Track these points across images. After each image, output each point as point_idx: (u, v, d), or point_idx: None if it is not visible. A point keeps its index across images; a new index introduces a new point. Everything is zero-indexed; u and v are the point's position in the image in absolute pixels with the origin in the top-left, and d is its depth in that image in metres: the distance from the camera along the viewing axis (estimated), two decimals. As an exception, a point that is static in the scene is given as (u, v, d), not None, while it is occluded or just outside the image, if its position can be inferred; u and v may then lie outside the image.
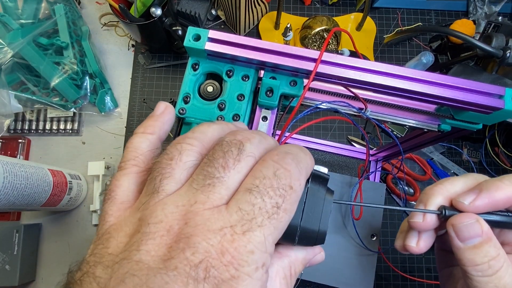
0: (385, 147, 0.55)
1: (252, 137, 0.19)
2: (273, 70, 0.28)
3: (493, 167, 0.67)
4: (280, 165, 0.17)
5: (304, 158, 0.19)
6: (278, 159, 0.17)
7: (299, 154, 0.18)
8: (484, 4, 0.70)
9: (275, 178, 0.17)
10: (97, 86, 0.67)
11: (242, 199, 0.16)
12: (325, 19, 0.65)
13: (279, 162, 0.17)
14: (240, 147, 0.18)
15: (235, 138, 0.18)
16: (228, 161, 0.17)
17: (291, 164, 0.17)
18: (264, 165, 0.17)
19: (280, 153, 0.18)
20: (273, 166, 0.17)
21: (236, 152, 0.17)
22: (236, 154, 0.17)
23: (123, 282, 0.14)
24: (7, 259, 0.55)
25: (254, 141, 0.18)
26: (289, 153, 0.18)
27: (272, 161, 0.17)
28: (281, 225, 0.16)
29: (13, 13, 0.61)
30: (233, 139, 0.18)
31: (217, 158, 0.17)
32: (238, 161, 0.17)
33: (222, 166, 0.17)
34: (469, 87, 0.26)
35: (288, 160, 0.17)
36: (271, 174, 0.17)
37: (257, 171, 0.17)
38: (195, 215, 0.16)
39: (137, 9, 0.62)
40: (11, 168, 0.47)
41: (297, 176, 0.17)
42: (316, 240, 0.19)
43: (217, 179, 0.17)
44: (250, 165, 0.18)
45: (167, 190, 0.17)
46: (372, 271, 0.46)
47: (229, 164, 0.17)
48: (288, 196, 0.17)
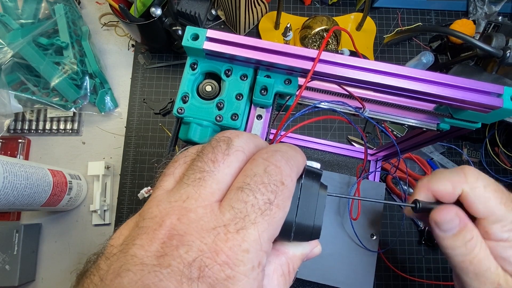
0: (385, 147, 0.55)
1: (241, 133, 0.19)
2: (268, 69, 0.28)
3: (493, 167, 0.66)
4: (270, 162, 0.17)
5: (294, 156, 0.19)
6: (268, 156, 0.18)
7: (288, 151, 0.19)
8: (484, 4, 0.70)
9: (266, 175, 0.17)
10: (97, 86, 0.67)
11: (234, 197, 0.16)
12: (325, 19, 0.65)
13: (269, 160, 0.17)
14: (228, 142, 0.18)
15: (224, 135, 0.19)
16: (217, 155, 0.17)
17: (281, 161, 0.17)
18: (254, 163, 0.17)
19: (270, 151, 0.18)
20: (263, 164, 0.17)
21: (225, 147, 0.18)
22: (225, 149, 0.18)
23: (119, 276, 0.15)
24: (7, 259, 0.55)
25: (243, 137, 0.19)
26: (278, 150, 0.18)
27: (262, 159, 0.17)
28: (275, 221, 0.16)
29: (13, 13, 0.61)
30: (222, 136, 0.19)
31: (206, 153, 0.18)
32: (227, 155, 0.18)
33: (211, 160, 0.17)
34: (468, 86, 0.26)
35: (277, 157, 0.18)
36: (262, 171, 0.17)
37: (248, 169, 0.17)
38: (188, 212, 0.16)
39: (137, 9, 0.62)
40: (11, 168, 0.47)
41: (288, 172, 0.17)
42: (312, 235, 0.19)
43: (207, 173, 0.17)
44: (240, 160, 0.18)
45: (164, 187, 0.18)
46: (372, 271, 0.46)
47: (218, 158, 0.17)
48: (280, 192, 0.17)
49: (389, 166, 0.63)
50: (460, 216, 0.25)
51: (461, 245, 0.25)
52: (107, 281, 0.15)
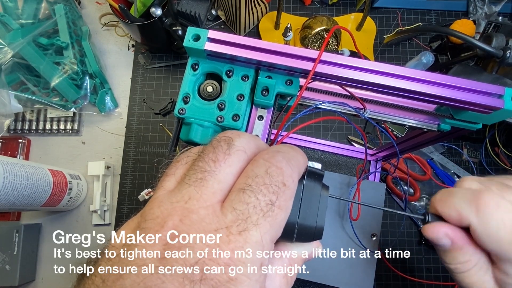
0: (385, 147, 0.55)
1: (242, 134, 0.19)
2: (269, 70, 0.28)
3: (493, 167, 0.66)
4: (271, 163, 0.17)
5: (295, 156, 0.19)
6: (269, 157, 0.18)
7: (290, 152, 0.19)
8: (484, 4, 0.70)
9: (268, 176, 0.17)
10: (97, 86, 0.67)
11: (235, 199, 0.16)
12: (325, 19, 0.65)
13: (270, 160, 0.17)
14: (229, 142, 0.18)
15: (225, 135, 0.19)
16: (218, 155, 0.17)
17: (282, 162, 0.17)
18: (255, 164, 0.17)
19: (271, 152, 0.18)
20: (264, 165, 0.17)
21: (226, 147, 0.18)
22: (226, 148, 0.18)
23: (122, 278, 0.15)
24: (7, 259, 0.55)
25: (244, 137, 0.19)
26: (279, 151, 0.18)
27: (263, 160, 0.17)
28: (277, 222, 0.16)
29: (13, 13, 0.61)
30: (223, 136, 0.19)
31: (207, 153, 0.18)
32: (228, 155, 0.18)
33: (212, 160, 0.17)
34: (469, 87, 0.26)
35: (279, 158, 0.18)
36: (263, 172, 0.17)
37: (249, 170, 0.17)
38: (190, 213, 0.16)
39: (137, 9, 0.62)
40: (11, 168, 0.47)
41: (289, 173, 0.17)
42: (314, 236, 0.19)
43: (208, 173, 0.17)
44: (241, 160, 0.18)
45: (166, 187, 0.18)
46: (372, 271, 0.46)
47: (219, 157, 0.17)
48: (282, 192, 0.17)
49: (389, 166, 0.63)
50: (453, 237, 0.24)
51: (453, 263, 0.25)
52: (109, 283, 0.15)
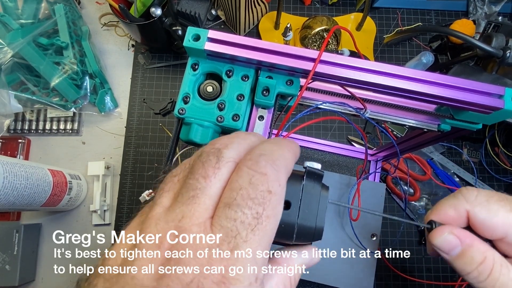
0: (385, 147, 0.55)
1: (230, 142, 0.19)
2: (270, 70, 0.28)
3: (493, 167, 0.66)
4: (254, 171, 0.17)
5: (280, 155, 0.18)
6: (252, 164, 0.17)
7: (274, 152, 0.18)
8: (484, 4, 0.70)
9: (251, 186, 0.16)
10: (97, 86, 0.67)
11: (222, 215, 0.16)
12: (325, 19, 0.65)
13: (253, 168, 0.17)
14: (218, 155, 0.18)
15: (213, 146, 0.18)
16: (208, 170, 0.17)
17: (266, 167, 0.17)
18: (239, 173, 0.17)
19: (254, 157, 0.18)
20: (248, 173, 0.17)
21: (215, 160, 0.18)
22: (215, 162, 0.17)
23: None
24: (7, 259, 0.55)
25: (232, 146, 0.18)
26: (263, 154, 0.18)
27: (246, 168, 0.17)
28: (267, 231, 0.16)
29: (13, 13, 0.61)
30: (211, 148, 0.18)
31: (197, 169, 0.17)
32: (218, 168, 0.17)
33: (202, 177, 0.17)
34: (469, 87, 0.26)
35: (262, 163, 0.17)
36: (247, 183, 0.16)
37: (233, 181, 0.17)
38: (184, 231, 0.16)
39: (137, 9, 0.62)
40: (11, 168, 0.47)
41: (275, 177, 0.17)
42: (314, 237, 0.19)
43: (199, 190, 0.17)
44: (230, 171, 0.18)
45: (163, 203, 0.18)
46: (372, 271, 0.46)
47: (209, 173, 0.17)
48: (268, 202, 0.16)
49: (389, 166, 0.63)
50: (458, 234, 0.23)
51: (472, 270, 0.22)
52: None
